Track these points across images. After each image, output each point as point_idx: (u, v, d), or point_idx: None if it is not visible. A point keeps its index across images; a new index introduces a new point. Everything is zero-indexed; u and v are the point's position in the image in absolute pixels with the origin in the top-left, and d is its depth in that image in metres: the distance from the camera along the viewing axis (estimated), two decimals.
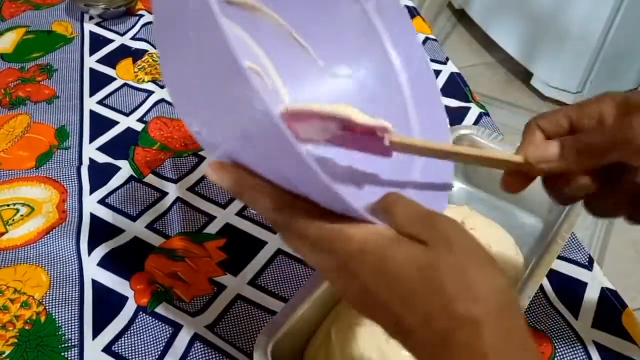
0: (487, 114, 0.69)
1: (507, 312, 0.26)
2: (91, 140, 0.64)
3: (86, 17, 0.81)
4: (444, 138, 0.42)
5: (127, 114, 0.68)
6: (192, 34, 0.28)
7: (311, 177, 0.26)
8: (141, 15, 0.81)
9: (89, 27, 0.80)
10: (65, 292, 0.51)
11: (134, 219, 0.57)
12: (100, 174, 0.60)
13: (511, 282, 0.27)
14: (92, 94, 0.70)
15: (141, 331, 0.48)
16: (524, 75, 1.67)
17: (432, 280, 0.26)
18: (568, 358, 0.47)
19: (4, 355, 0.46)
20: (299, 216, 0.29)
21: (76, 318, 0.49)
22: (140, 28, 0.79)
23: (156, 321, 0.49)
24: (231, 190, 0.30)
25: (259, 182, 0.30)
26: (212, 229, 0.56)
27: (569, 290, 0.53)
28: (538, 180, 0.54)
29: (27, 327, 0.48)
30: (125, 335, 0.48)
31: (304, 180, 0.28)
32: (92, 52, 0.76)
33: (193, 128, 0.32)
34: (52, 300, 0.50)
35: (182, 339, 0.47)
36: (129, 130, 0.66)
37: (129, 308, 0.49)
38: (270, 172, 0.29)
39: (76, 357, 0.47)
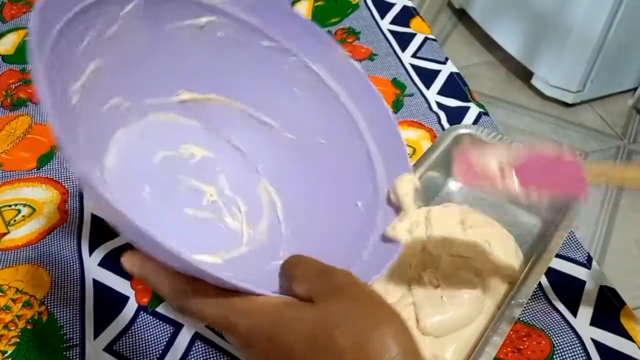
0: (486, 114, 0.69)
1: (411, 356, 0.26)
2: None
3: None
4: (404, 169, 0.42)
5: None
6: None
7: (186, 265, 0.27)
8: None
9: None
10: (67, 292, 0.51)
11: None
12: None
13: (407, 328, 0.27)
14: None
15: (142, 331, 0.48)
16: (525, 75, 1.67)
17: (320, 337, 0.26)
18: (566, 356, 0.48)
19: (6, 355, 0.47)
20: (194, 299, 0.29)
21: (77, 318, 0.49)
22: None
23: (157, 320, 0.49)
24: (137, 275, 0.32)
25: (157, 268, 0.30)
26: None
27: (568, 288, 0.53)
28: None
29: (29, 327, 0.49)
30: (127, 335, 0.48)
31: (185, 268, 0.29)
32: None
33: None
34: (53, 300, 0.50)
35: (183, 338, 0.48)
36: None
37: (130, 308, 0.50)
38: (166, 261, 0.30)
39: (78, 356, 0.47)
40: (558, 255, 0.55)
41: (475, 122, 0.68)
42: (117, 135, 0.40)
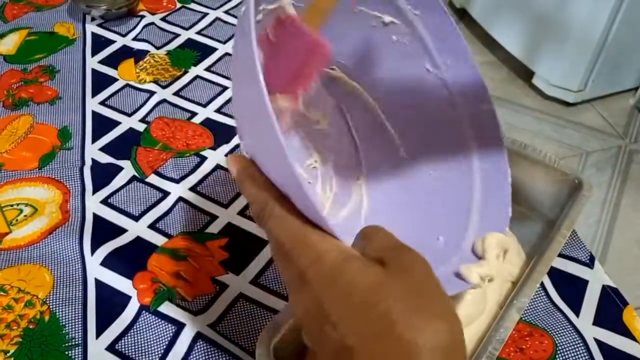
0: None
1: (453, 354, 0.25)
2: (93, 140, 0.65)
3: (88, 18, 0.82)
4: (500, 228, 0.42)
5: (129, 115, 0.68)
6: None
7: (297, 185, 0.27)
8: (142, 16, 0.82)
9: (91, 28, 0.80)
10: (69, 291, 0.51)
11: (136, 218, 0.57)
12: (102, 174, 0.61)
13: (460, 326, 0.26)
14: (94, 94, 0.70)
15: (144, 330, 0.48)
16: (526, 74, 1.67)
17: (374, 301, 0.25)
18: (569, 355, 0.48)
19: (8, 355, 0.47)
20: (275, 214, 0.30)
21: (80, 317, 0.49)
22: (142, 29, 0.80)
23: (159, 320, 0.49)
24: (234, 175, 0.33)
25: (258, 174, 0.32)
26: (214, 228, 0.56)
27: (570, 288, 0.53)
28: (542, 181, 0.54)
29: (31, 326, 0.48)
30: (129, 334, 0.48)
31: (290, 185, 0.29)
32: (94, 53, 0.76)
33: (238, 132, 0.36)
34: (55, 299, 0.50)
35: (185, 338, 0.48)
36: (131, 130, 0.66)
37: (132, 307, 0.50)
38: (271, 170, 0.31)
39: (80, 356, 0.47)
40: (560, 255, 0.55)
41: None
42: None
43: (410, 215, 0.46)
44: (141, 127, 0.66)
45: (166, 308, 0.50)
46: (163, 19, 0.82)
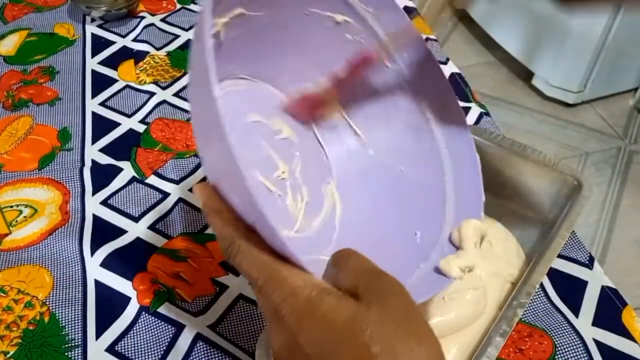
0: (487, 114, 0.69)
1: None
2: (93, 141, 0.65)
3: (88, 19, 0.82)
4: (476, 214, 0.42)
5: (129, 116, 0.68)
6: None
7: (256, 210, 0.27)
8: (142, 17, 0.82)
9: (91, 29, 0.80)
10: (69, 292, 0.51)
11: (136, 219, 0.57)
12: (102, 176, 0.61)
13: (441, 351, 0.26)
14: (94, 95, 0.71)
15: (144, 331, 0.48)
16: (525, 75, 1.67)
17: (354, 334, 0.25)
18: (568, 356, 0.48)
19: (8, 356, 0.47)
20: (243, 249, 0.30)
21: (79, 318, 0.49)
22: (142, 30, 0.80)
23: (159, 321, 0.49)
24: (202, 207, 0.33)
25: (224, 208, 0.31)
26: None
27: (570, 288, 0.53)
28: (542, 181, 0.54)
29: (30, 328, 0.49)
30: (128, 335, 0.48)
31: (251, 212, 0.29)
32: (94, 54, 0.76)
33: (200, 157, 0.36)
34: (55, 300, 0.50)
35: (185, 339, 0.48)
36: (130, 131, 0.66)
37: (132, 308, 0.50)
38: (235, 202, 0.31)
39: (79, 357, 0.47)
40: (560, 256, 0.55)
41: (477, 122, 0.68)
42: (227, 82, 0.42)
43: (385, 215, 0.45)
44: (141, 128, 0.66)
45: (166, 309, 0.50)
46: (163, 20, 0.82)
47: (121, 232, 0.56)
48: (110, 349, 0.47)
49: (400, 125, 0.46)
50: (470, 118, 0.68)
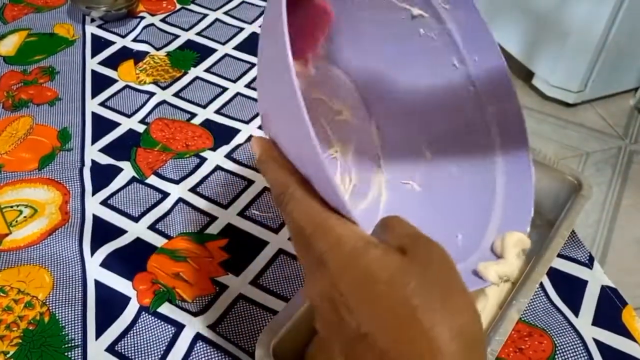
0: None
1: (474, 346, 0.25)
2: (93, 141, 0.65)
3: (88, 19, 0.82)
4: (521, 227, 0.42)
5: (128, 116, 0.68)
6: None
7: (316, 158, 0.27)
8: (142, 18, 0.82)
9: (91, 29, 0.80)
10: (69, 292, 0.51)
11: (136, 220, 0.57)
12: (102, 176, 0.61)
13: (480, 322, 0.26)
14: (94, 95, 0.71)
15: (144, 331, 0.48)
16: (526, 75, 1.67)
17: (398, 287, 0.25)
18: (568, 355, 0.48)
19: (8, 356, 0.47)
20: (295, 197, 0.30)
21: (79, 318, 0.49)
22: (142, 30, 0.80)
23: (159, 321, 0.49)
24: (257, 157, 0.33)
25: (280, 157, 0.32)
26: (213, 229, 0.56)
27: (570, 288, 0.53)
28: (542, 181, 0.54)
29: (30, 328, 0.49)
30: (128, 335, 0.48)
31: (315, 171, 0.29)
32: (93, 54, 0.76)
33: (260, 112, 0.36)
34: (55, 300, 0.50)
35: (185, 339, 0.48)
36: (130, 131, 0.66)
37: (132, 308, 0.50)
38: (294, 152, 0.31)
39: (79, 357, 0.47)
40: (560, 255, 0.55)
41: None
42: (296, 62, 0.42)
43: (429, 212, 0.45)
44: (141, 128, 0.66)
45: (166, 309, 0.50)
46: (163, 20, 0.82)
47: (121, 232, 0.56)
48: (110, 349, 0.47)
49: (462, 125, 0.45)
50: None
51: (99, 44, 0.78)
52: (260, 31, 0.35)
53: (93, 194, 0.59)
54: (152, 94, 0.70)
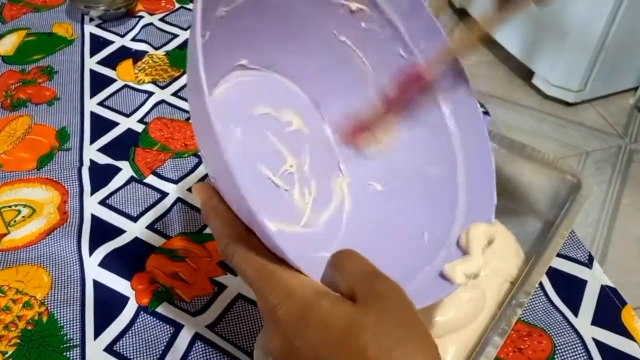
0: (486, 113, 0.69)
1: None
2: (92, 141, 0.65)
3: (86, 18, 0.82)
4: (486, 218, 0.42)
5: (127, 115, 0.68)
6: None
7: (247, 208, 0.27)
8: (141, 17, 0.82)
9: (90, 28, 0.80)
10: (67, 292, 0.51)
11: (134, 219, 0.57)
12: (101, 175, 0.61)
13: (439, 357, 0.26)
14: (92, 95, 0.70)
15: (142, 331, 0.48)
16: (525, 74, 1.67)
17: (350, 338, 0.24)
18: (567, 355, 0.48)
19: (6, 356, 0.47)
20: (240, 251, 0.29)
21: (78, 318, 0.49)
22: (141, 29, 0.80)
23: (157, 321, 0.49)
24: (200, 207, 0.33)
25: (222, 207, 0.31)
26: None
27: (569, 288, 0.53)
28: (541, 180, 0.54)
29: (29, 328, 0.48)
30: (127, 335, 0.48)
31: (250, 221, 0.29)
32: (92, 54, 0.76)
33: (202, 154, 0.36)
34: (54, 300, 0.50)
35: (183, 339, 0.48)
36: (129, 131, 0.66)
37: (130, 308, 0.50)
38: (232, 204, 0.31)
39: (78, 357, 0.47)
40: (559, 255, 0.55)
41: None
42: (234, 73, 0.41)
43: (393, 212, 0.45)
44: (139, 127, 0.66)
45: (164, 309, 0.50)
46: (162, 20, 0.82)
47: (120, 231, 0.56)
48: (109, 349, 0.47)
49: (418, 121, 0.45)
50: None
51: (98, 44, 0.78)
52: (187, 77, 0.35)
53: (91, 194, 0.59)
54: (150, 94, 0.70)
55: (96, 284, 0.51)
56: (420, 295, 0.33)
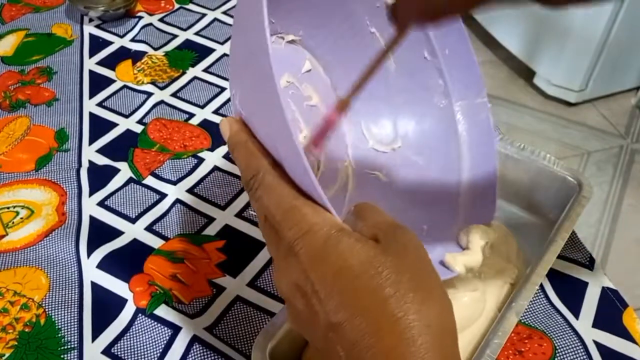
0: None
1: (446, 336, 0.24)
2: (90, 142, 0.64)
3: (86, 19, 0.82)
4: (486, 219, 0.42)
5: (126, 116, 0.68)
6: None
7: (292, 149, 0.26)
8: (140, 17, 0.81)
9: (89, 29, 0.80)
10: (65, 294, 0.51)
11: (133, 221, 0.57)
12: (99, 176, 0.60)
13: (452, 311, 0.26)
14: (91, 96, 0.70)
15: (140, 333, 0.48)
16: (527, 74, 1.67)
17: (372, 275, 0.24)
18: (568, 358, 0.47)
19: (4, 358, 0.47)
20: (265, 182, 0.29)
21: (76, 320, 0.49)
22: (140, 30, 0.79)
23: (155, 323, 0.49)
24: (228, 140, 0.32)
25: (252, 139, 0.31)
26: (211, 230, 0.56)
27: (570, 289, 0.52)
28: (542, 181, 0.54)
29: (27, 330, 0.48)
30: (125, 338, 0.48)
31: (287, 152, 0.28)
32: (91, 54, 0.76)
33: (232, 92, 0.35)
34: (51, 302, 0.50)
35: (181, 341, 0.47)
36: (128, 132, 0.66)
37: (128, 310, 0.49)
38: (266, 133, 0.30)
39: (76, 359, 0.47)
40: (560, 256, 0.54)
41: None
42: (271, 38, 0.41)
43: (394, 203, 0.45)
44: (138, 128, 0.66)
45: (162, 311, 0.49)
46: (161, 20, 0.82)
47: (118, 233, 0.55)
48: (107, 352, 0.47)
49: (426, 118, 0.45)
50: None
51: (97, 44, 0.78)
52: (236, 10, 0.34)
53: (90, 195, 0.59)
54: (150, 94, 0.70)
55: (94, 285, 0.51)
56: None
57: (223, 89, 0.72)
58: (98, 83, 0.72)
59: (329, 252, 0.26)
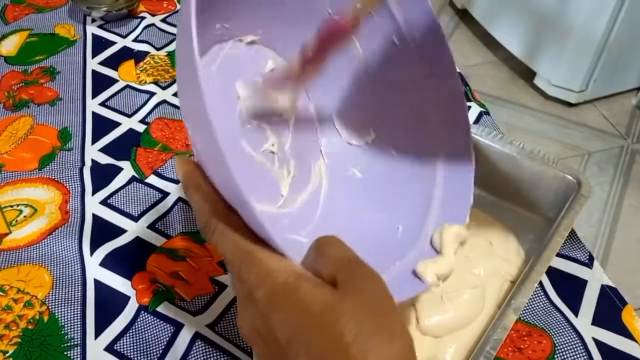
0: (487, 113, 0.69)
1: None
2: (93, 141, 0.65)
3: (88, 19, 0.82)
4: (460, 220, 0.41)
5: (129, 115, 0.68)
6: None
7: (235, 187, 0.26)
8: (143, 17, 0.82)
9: (92, 29, 0.81)
10: (68, 292, 0.51)
11: (135, 219, 0.57)
12: (102, 175, 0.61)
13: (412, 347, 0.26)
14: (94, 95, 0.71)
15: (143, 330, 0.49)
16: (527, 74, 1.67)
17: (328, 323, 0.24)
18: (568, 355, 0.47)
19: (7, 355, 0.47)
20: (221, 228, 0.29)
21: (79, 318, 0.49)
22: (142, 30, 0.80)
23: (158, 320, 0.49)
24: (181, 179, 0.32)
25: (205, 183, 0.31)
26: None
27: (569, 287, 0.53)
28: (542, 180, 0.54)
29: (30, 327, 0.49)
30: (127, 335, 0.48)
31: (233, 198, 0.28)
32: (94, 54, 0.77)
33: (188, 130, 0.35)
34: (55, 300, 0.50)
35: (184, 338, 0.48)
36: (130, 131, 0.66)
37: (131, 307, 0.50)
38: (216, 180, 0.30)
39: (79, 356, 0.47)
40: (559, 254, 0.55)
41: (476, 121, 0.68)
42: (230, 42, 0.40)
43: (369, 202, 0.44)
44: (141, 128, 0.66)
45: (165, 308, 0.50)
46: (163, 20, 0.82)
47: (121, 231, 0.56)
48: (109, 348, 0.47)
49: (403, 110, 0.44)
50: (470, 117, 0.68)
51: (100, 44, 0.78)
52: (176, 61, 0.34)
53: (93, 194, 0.59)
54: (152, 94, 0.70)
55: (97, 283, 0.52)
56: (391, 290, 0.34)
57: None
58: (101, 83, 0.72)
59: (288, 300, 0.26)
